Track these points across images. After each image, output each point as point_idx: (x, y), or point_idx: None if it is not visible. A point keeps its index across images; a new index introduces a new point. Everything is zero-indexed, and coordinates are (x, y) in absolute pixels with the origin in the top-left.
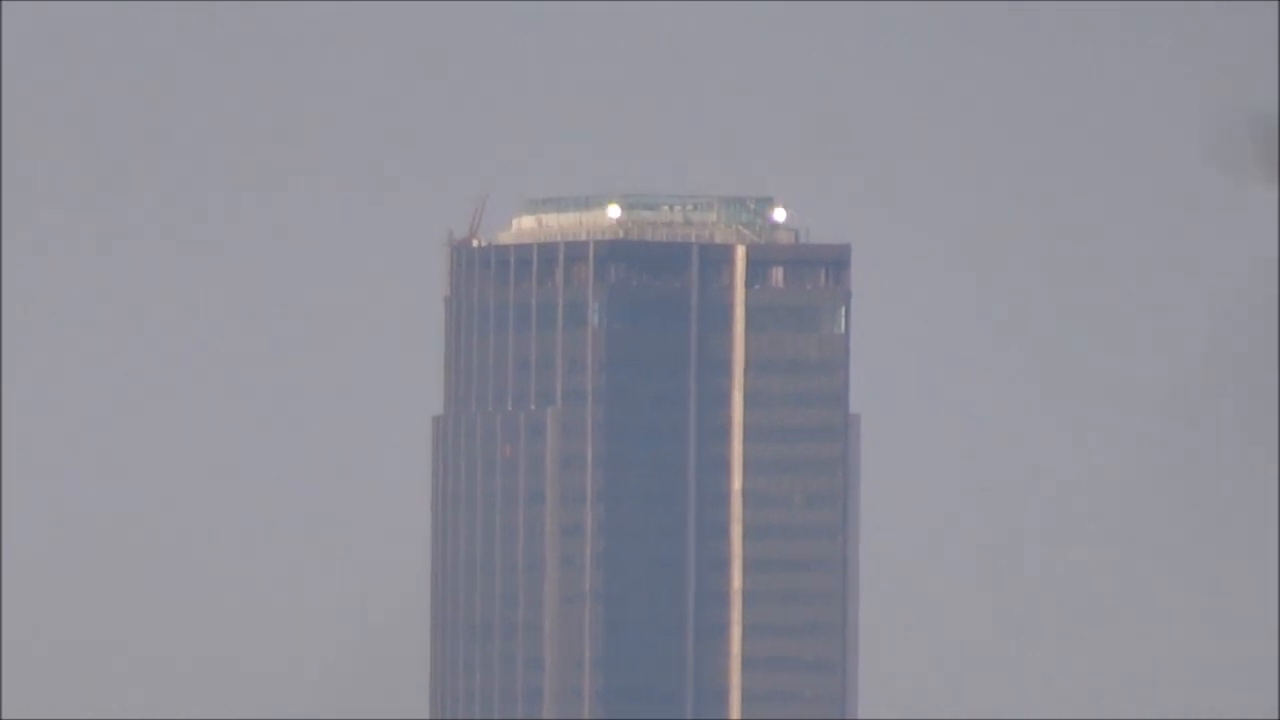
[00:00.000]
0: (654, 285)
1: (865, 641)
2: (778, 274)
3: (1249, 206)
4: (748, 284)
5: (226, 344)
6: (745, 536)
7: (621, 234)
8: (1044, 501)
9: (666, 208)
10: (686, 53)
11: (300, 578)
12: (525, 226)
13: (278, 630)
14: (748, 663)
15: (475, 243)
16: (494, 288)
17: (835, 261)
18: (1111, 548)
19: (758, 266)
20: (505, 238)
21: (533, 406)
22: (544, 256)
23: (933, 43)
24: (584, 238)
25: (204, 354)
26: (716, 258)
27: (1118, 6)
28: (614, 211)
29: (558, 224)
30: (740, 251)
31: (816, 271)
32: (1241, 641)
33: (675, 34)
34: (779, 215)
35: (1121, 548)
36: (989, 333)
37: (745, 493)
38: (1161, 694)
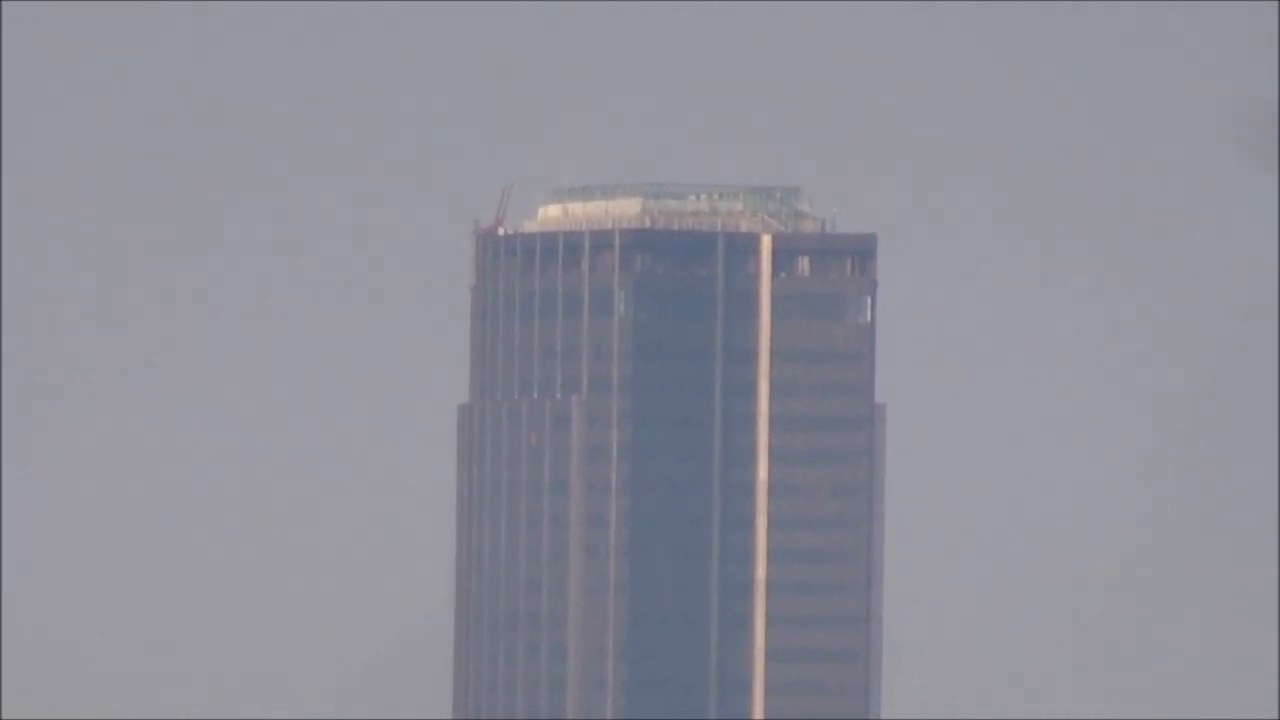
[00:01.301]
0: (680, 274)
1: (890, 633)
2: (804, 263)
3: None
4: (774, 273)
5: (249, 331)
6: (770, 527)
7: (647, 223)
8: (1069, 492)
9: (692, 196)
10: (713, 41)
11: (323, 565)
12: (551, 215)
13: (300, 619)
14: (771, 653)
15: (501, 231)
16: (519, 276)
17: (861, 251)
18: (1137, 535)
19: (783, 256)
20: (531, 226)
21: (558, 395)
22: (569, 245)
23: (961, 33)
24: (609, 227)
25: (224, 341)
26: (742, 247)
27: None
28: (640, 200)
29: (583, 213)
30: (766, 240)
31: (843, 261)
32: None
33: (702, 22)
34: (805, 204)
35: (1147, 535)
36: (1016, 322)
37: (770, 483)
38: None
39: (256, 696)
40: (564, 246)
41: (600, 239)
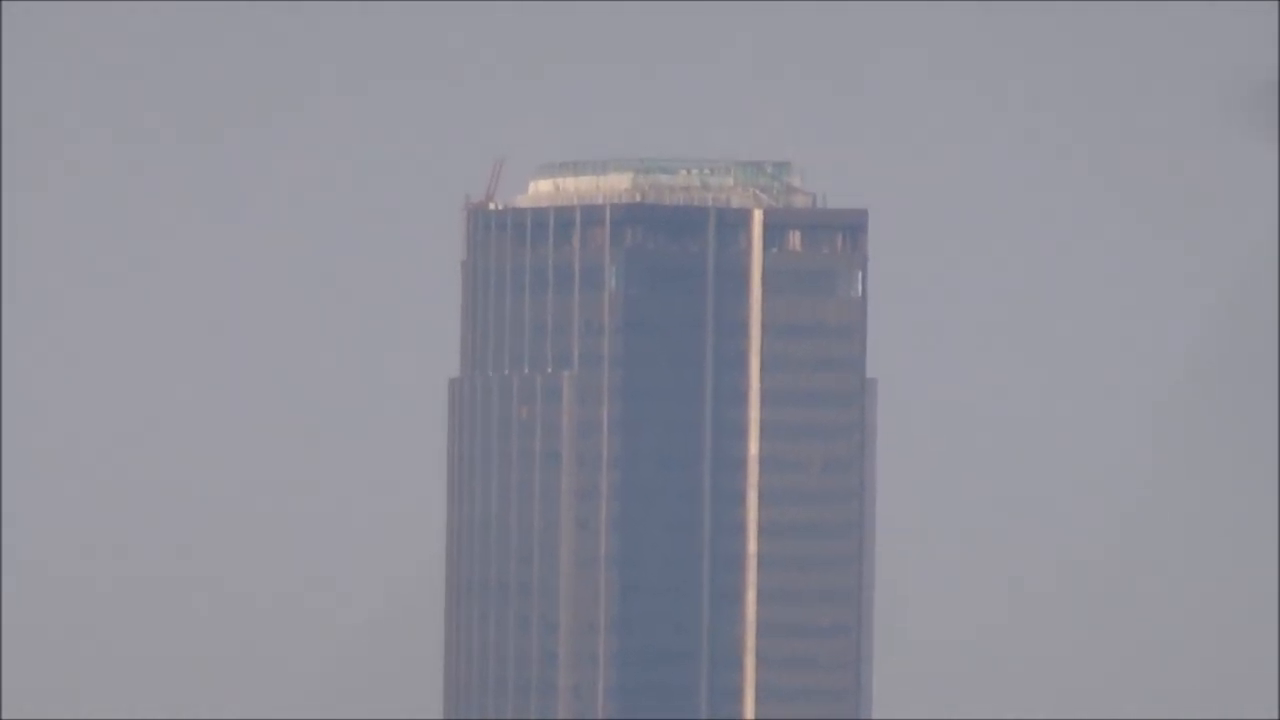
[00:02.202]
0: (671, 249)
1: (881, 607)
2: (795, 238)
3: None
4: (765, 248)
5: (241, 306)
6: (761, 501)
7: (638, 197)
8: (1061, 466)
9: (684, 171)
10: (705, 16)
11: (315, 538)
12: (542, 190)
13: (292, 592)
14: (762, 627)
15: (492, 206)
16: (510, 251)
17: (853, 226)
18: (1132, 512)
19: (775, 231)
20: (522, 201)
21: (549, 370)
22: (560, 220)
23: (954, 7)
24: (600, 201)
25: (217, 317)
26: (733, 221)
27: None
28: (630, 175)
29: (574, 187)
30: (757, 215)
31: (834, 236)
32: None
33: None
34: (796, 179)
35: (1143, 511)
36: (1006, 297)
37: (761, 457)
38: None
39: (248, 667)
40: (555, 221)
41: (591, 214)
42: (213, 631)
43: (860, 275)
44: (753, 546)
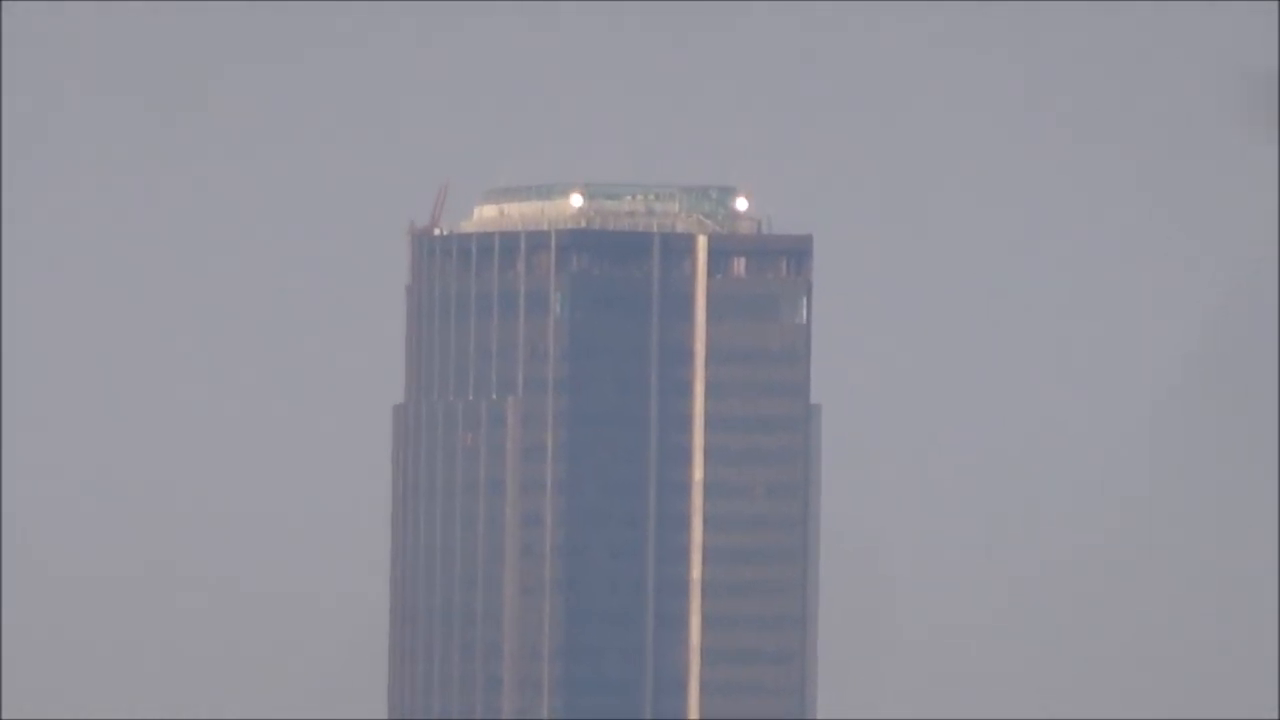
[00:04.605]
0: (616, 274)
1: (825, 633)
2: (739, 264)
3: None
4: (709, 274)
5: (185, 331)
6: (706, 527)
7: (583, 223)
8: (1007, 495)
9: (629, 197)
10: (649, 41)
11: (258, 564)
12: (487, 215)
13: (234, 616)
14: (707, 654)
15: (437, 231)
16: (455, 277)
17: (797, 252)
18: (1085, 538)
19: (719, 256)
20: (467, 226)
21: (494, 395)
22: (505, 245)
23: (896, 32)
24: (545, 227)
25: (161, 341)
26: (678, 247)
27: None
28: (576, 200)
29: (519, 213)
30: (702, 241)
31: (778, 261)
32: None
33: (638, 23)
34: (741, 205)
35: (1094, 537)
36: (951, 323)
37: (706, 483)
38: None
39: (190, 695)
40: (500, 247)
41: (536, 239)
42: (150, 658)
43: (805, 301)
44: (697, 572)
